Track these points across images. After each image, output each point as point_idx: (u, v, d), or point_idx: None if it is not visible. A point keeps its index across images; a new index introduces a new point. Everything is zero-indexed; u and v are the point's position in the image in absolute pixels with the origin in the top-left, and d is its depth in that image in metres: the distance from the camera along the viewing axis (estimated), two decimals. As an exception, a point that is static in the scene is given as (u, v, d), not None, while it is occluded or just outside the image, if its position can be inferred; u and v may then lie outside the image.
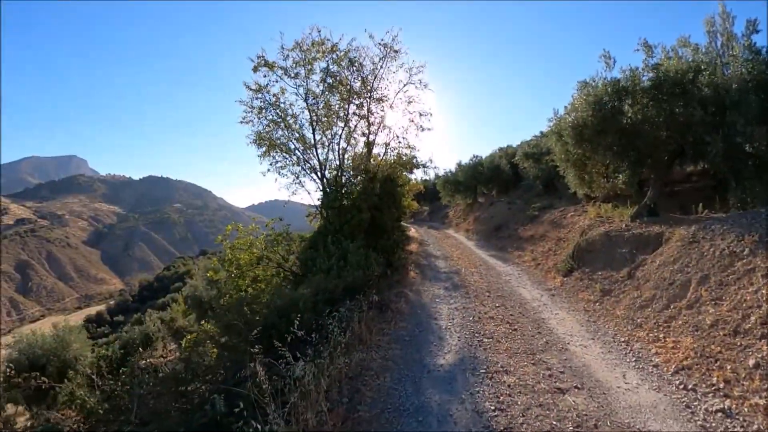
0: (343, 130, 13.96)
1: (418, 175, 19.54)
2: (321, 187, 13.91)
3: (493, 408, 5.41)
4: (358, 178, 14.03)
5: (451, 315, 9.43)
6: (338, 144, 13.92)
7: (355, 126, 14.27)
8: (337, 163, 14.04)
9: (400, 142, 14.95)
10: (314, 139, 14.09)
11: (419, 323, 8.91)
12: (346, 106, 13.98)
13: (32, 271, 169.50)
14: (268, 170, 14.14)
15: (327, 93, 13.88)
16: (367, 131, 14.28)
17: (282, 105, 14.12)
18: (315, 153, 14.07)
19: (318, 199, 13.97)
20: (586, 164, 13.80)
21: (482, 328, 8.41)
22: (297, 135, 14.23)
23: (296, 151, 14.21)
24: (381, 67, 13.96)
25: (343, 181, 13.96)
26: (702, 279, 7.79)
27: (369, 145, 14.22)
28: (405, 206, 19.58)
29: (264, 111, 13.97)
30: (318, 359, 5.38)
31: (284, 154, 14.07)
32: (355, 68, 13.54)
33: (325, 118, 14.17)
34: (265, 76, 13.87)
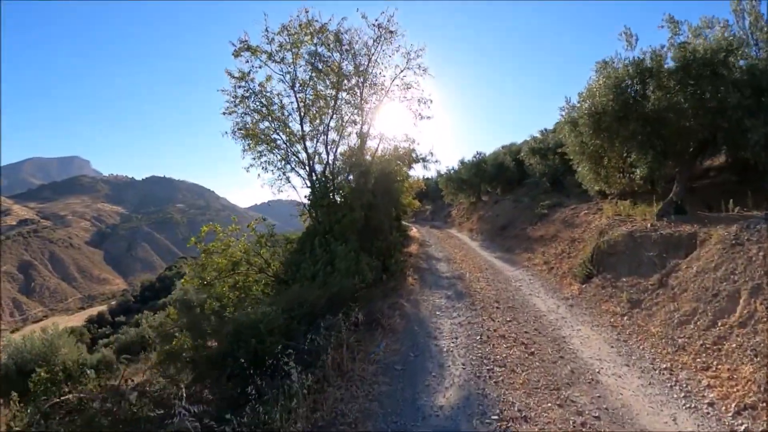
0: (331, 118, 12.55)
1: (418, 171, 18.23)
2: (309, 184, 12.53)
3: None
4: (350, 173, 12.60)
5: (454, 332, 8.00)
6: (327, 135, 12.51)
7: (348, 116, 12.88)
8: (327, 156, 12.67)
9: (396, 134, 13.57)
10: (302, 131, 12.74)
11: (415, 344, 7.48)
12: (337, 94, 12.60)
13: (35, 271, 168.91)
14: (251, 165, 12.81)
15: (315, 79, 12.51)
16: (360, 121, 12.86)
17: (268, 94, 12.82)
18: (303, 146, 12.71)
19: (305, 197, 12.59)
20: (603, 157, 12.46)
21: (492, 352, 6.98)
22: (283, 126, 12.90)
23: (283, 144, 12.87)
24: (375, 50, 12.58)
25: (333, 176, 12.56)
26: (754, 290, 6.42)
27: (362, 136, 12.80)
28: (405, 204, 18.21)
29: (247, 100, 12.64)
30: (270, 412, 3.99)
31: (269, 147, 12.71)
32: (345, 49, 12.14)
33: (314, 108, 12.81)
34: (247, 62, 12.55)
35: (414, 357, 6.95)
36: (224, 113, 12.77)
